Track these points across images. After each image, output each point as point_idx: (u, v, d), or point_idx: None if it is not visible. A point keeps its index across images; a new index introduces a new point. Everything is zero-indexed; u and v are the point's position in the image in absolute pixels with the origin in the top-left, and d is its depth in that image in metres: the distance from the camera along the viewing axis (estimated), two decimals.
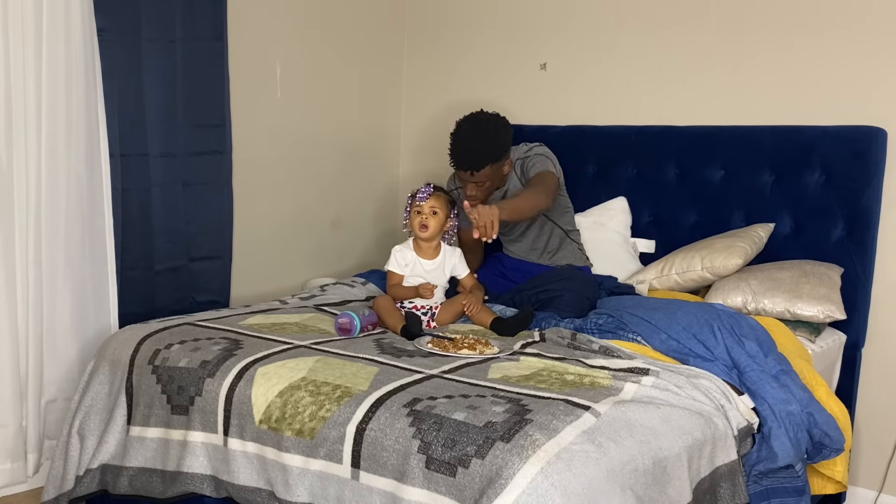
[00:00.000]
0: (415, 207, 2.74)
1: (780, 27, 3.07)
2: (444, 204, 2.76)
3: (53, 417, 2.84)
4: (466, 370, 2.12)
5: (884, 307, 2.93)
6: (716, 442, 2.00)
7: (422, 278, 2.72)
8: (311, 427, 1.91)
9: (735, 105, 3.17)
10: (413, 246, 2.76)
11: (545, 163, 3.02)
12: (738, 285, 2.79)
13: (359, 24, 3.84)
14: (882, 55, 2.87)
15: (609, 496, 1.64)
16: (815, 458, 2.36)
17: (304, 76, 3.62)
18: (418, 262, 2.73)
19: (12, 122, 2.64)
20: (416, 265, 2.73)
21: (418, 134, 4.09)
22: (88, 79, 2.77)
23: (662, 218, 3.32)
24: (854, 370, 2.92)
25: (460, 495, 1.67)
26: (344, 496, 1.85)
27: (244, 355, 2.19)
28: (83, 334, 2.87)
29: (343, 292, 3.01)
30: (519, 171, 3.06)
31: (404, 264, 2.74)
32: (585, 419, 1.77)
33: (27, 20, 2.62)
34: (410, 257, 2.74)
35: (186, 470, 2.12)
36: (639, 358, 2.27)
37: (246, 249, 3.41)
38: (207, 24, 3.08)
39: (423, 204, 2.72)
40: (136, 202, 2.98)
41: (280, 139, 3.55)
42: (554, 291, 2.83)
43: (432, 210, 2.72)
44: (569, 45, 3.59)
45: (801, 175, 2.99)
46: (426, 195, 2.72)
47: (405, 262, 2.74)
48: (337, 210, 3.85)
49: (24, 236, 2.71)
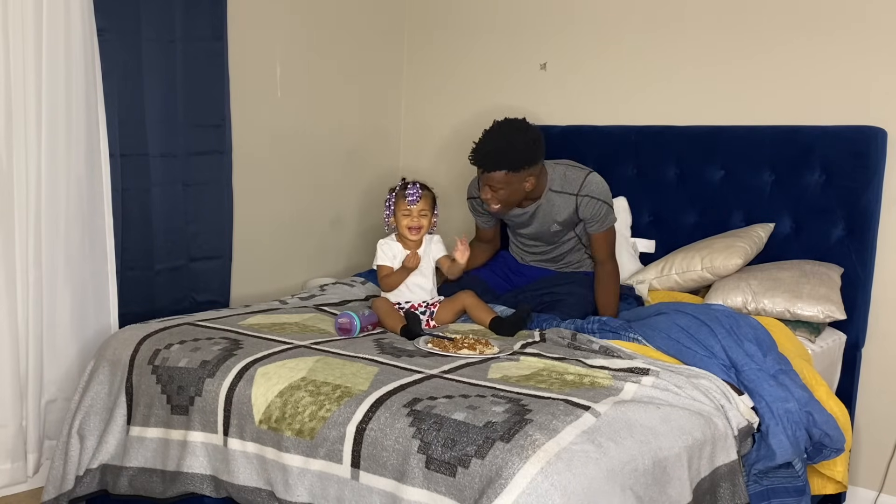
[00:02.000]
0: (402, 210, 2.73)
1: (780, 27, 3.07)
2: (431, 203, 2.77)
3: (53, 417, 2.84)
4: (466, 370, 2.12)
5: (884, 307, 2.93)
6: (716, 442, 2.00)
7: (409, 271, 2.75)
8: (311, 427, 1.91)
9: (735, 105, 3.17)
10: (396, 237, 2.79)
11: (610, 216, 2.87)
12: (738, 285, 2.79)
13: (359, 25, 3.84)
14: (882, 55, 2.87)
15: (609, 496, 1.64)
16: (815, 458, 2.35)
17: (304, 76, 3.61)
18: (404, 253, 2.76)
19: (12, 122, 2.64)
20: (402, 256, 2.76)
21: (418, 134, 4.09)
22: (88, 79, 2.77)
23: (662, 218, 3.32)
24: (854, 370, 2.92)
25: (460, 495, 1.67)
26: (344, 496, 1.85)
27: (244, 355, 2.19)
28: (83, 334, 2.87)
29: (343, 292, 3.01)
30: (576, 208, 2.84)
31: (392, 256, 2.76)
32: (585, 419, 1.77)
33: (27, 20, 2.62)
34: (397, 249, 2.77)
35: (186, 470, 2.12)
36: (639, 358, 2.27)
37: (246, 249, 3.41)
38: (207, 24, 3.08)
39: (413, 208, 2.72)
40: (136, 202, 2.98)
41: (280, 139, 3.55)
42: (558, 295, 2.82)
43: (422, 213, 2.73)
44: (569, 45, 3.59)
45: (801, 175, 2.99)
46: (416, 199, 2.71)
47: (392, 255, 2.77)
48: (337, 210, 3.85)
49: (24, 236, 2.71)
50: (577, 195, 2.83)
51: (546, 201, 2.87)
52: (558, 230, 2.92)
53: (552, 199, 2.87)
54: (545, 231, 2.93)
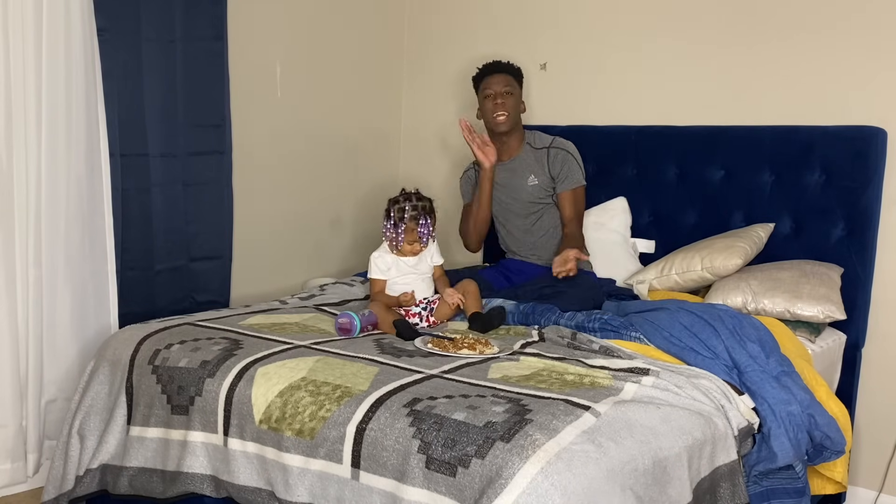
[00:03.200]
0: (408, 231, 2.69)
1: (780, 27, 3.07)
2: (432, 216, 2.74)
3: (53, 417, 2.84)
4: (466, 370, 2.12)
5: (884, 307, 2.93)
6: (716, 442, 2.00)
7: (407, 276, 2.72)
8: (311, 427, 1.91)
9: (735, 105, 3.17)
10: (389, 245, 2.74)
11: (579, 174, 3.14)
12: (738, 285, 2.79)
13: (358, 24, 3.84)
14: (882, 55, 2.87)
15: (609, 496, 1.64)
16: (815, 459, 2.35)
17: (304, 76, 3.61)
18: (399, 262, 2.73)
19: (12, 122, 2.64)
20: (398, 265, 2.72)
21: (418, 134, 4.09)
22: (88, 79, 2.77)
23: (662, 218, 3.32)
24: (854, 370, 2.92)
25: (460, 495, 1.67)
26: (344, 496, 1.85)
27: (244, 355, 2.19)
28: (83, 334, 2.87)
29: (343, 292, 3.01)
30: (547, 161, 3.13)
31: (386, 269, 2.72)
32: (585, 419, 1.77)
33: (27, 20, 2.62)
34: (390, 261, 2.72)
35: (186, 470, 2.12)
36: (639, 358, 2.27)
37: (246, 249, 3.41)
38: (207, 24, 3.08)
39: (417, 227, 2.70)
40: (136, 202, 2.98)
41: (280, 139, 3.55)
42: (558, 289, 2.83)
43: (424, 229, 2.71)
44: (569, 46, 3.59)
45: (801, 175, 2.99)
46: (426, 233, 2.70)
47: (386, 267, 2.72)
48: (337, 210, 3.85)
49: (24, 236, 2.71)
50: (548, 148, 3.15)
51: (523, 153, 3.17)
52: (534, 187, 3.12)
53: (527, 154, 3.17)
54: (521, 186, 3.14)
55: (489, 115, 3.13)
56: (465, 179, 3.33)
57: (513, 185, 3.15)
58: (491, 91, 3.11)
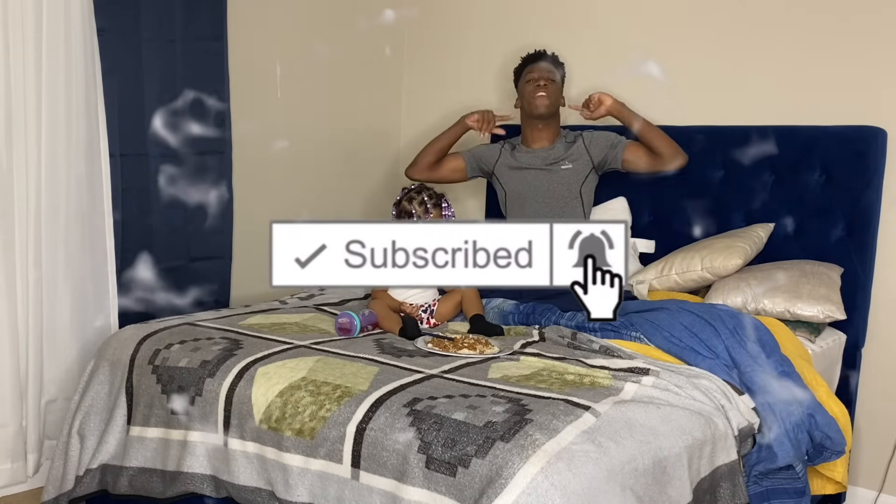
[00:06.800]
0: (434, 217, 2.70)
1: (779, 27, 3.06)
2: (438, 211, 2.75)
3: (53, 417, 2.84)
4: (466, 370, 2.12)
5: (884, 307, 2.92)
6: (716, 442, 2.00)
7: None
8: (311, 427, 1.91)
9: (735, 105, 3.17)
10: None
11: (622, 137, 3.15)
12: (737, 285, 2.79)
13: (358, 25, 3.84)
14: (882, 55, 2.87)
15: (609, 496, 1.64)
16: (815, 460, 2.35)
17: (304, 76, 3.61)
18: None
19: (12, 122, 2.64)
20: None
21: (418, 134, 4.09)
22: (88, 79, 2.77)
23: (662, 218, 3.31)
24: (854, 370, 2.92)
25: (460, 495, 1.67)
26: (344, 496, 1.85)
27: (244, 355, 2.19)
28: (83, 334, 2.87)
29: (343, 292, 3.01)
30: (584, 145, 3.15)
31: None
32: (585, 419, 1.77)
33: (27, 20, 2.62)
34: None
35: (186, 470, 2.12)
36: (639, 358, 2.27)
37: (246, 249, 3.41)
38: (207, 24, 3.08)
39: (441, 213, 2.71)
40: (136, 202, 2.98)
41: (280, 139, 3.55)
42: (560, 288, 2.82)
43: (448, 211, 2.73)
44: (568, 46, 3.58)
45: (801, 175, 2.99)
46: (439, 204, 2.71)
47: None
48: (337, 210, 3.85)
49: (24, 236, 2.71)
50: (581, 134, 3.19)
51: (558, 144, 3.19)
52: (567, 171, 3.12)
53: (561, 146, 3.19)
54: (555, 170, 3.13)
55: (530, 97, 3.12)
56: (486, 147, 3.33)
57: (545, 169, 3.14)
58: (534, 75, 3.13)
